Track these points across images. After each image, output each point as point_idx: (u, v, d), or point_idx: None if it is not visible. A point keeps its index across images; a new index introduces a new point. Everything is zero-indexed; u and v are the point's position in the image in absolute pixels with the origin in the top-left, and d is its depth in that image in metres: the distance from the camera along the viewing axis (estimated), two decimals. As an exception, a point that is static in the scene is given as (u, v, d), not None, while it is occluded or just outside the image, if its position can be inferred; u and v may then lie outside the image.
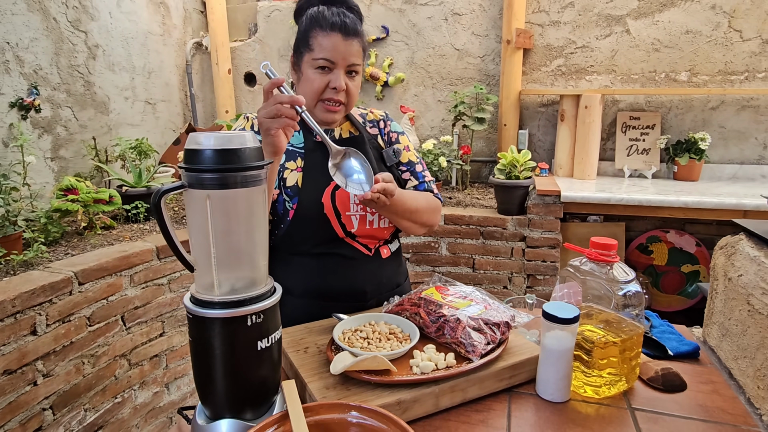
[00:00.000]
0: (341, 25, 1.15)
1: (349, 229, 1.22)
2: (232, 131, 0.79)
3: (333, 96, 1.18)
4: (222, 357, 0.81)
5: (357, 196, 1.10)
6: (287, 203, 1.20)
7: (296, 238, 1.21)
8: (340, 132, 1.29)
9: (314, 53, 1.16)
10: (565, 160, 2.83)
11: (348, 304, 1.25)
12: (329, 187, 1.21)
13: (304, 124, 1.25)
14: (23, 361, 1.58)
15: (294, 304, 1.25)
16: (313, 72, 1.17)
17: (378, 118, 1.37)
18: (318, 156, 1.23)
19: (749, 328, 1.02)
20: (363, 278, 1.26)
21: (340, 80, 1.16)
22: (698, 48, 2.72)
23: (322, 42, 1.15)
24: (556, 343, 0.95)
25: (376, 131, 1.36)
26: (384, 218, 1.26)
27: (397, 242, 1.38)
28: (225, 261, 0.82)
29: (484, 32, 3.03)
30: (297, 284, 1.25)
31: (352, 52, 1.17)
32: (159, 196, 0.77)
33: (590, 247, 1.03)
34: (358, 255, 1.25)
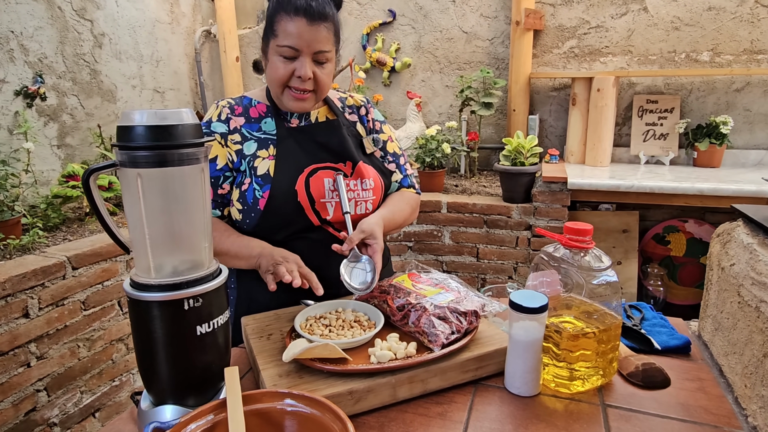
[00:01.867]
0: (306, 8, 1.07)
1: (324, 216, 1.18)
2: (169, 109, 0.76)
3: (299, 85, 1.12)
4: (161, 342, 0.79)
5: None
6: (257, 192, 1.16)
7: (268, 227, 1.17)
8: (316, 116, 1.25)
9: (278, 39, 1.09)
10: (577, 146, 2.71)
11: (330, 290, 1.18)
12: (303, 174, 1.16)
13: (276, 109, 1.22)
14: (15, 343, 1.61)
15: (265, 289, 1.18)
16: (278, 59, 1.11)
17: (359, 104, 1.33)
18: (291, 143, 1.19)
19: (739, 322, 0.94)
20: (336, 264, 1.22)
21: (305, 68, 1.09)
22: (722, 25, 2.56)
23: (286, 27, 1.08)
24: (523, 333, 0.90)
25: (355, 118, 1.31)
26: (360, 205, 1.21)
27: None
28: (162, 243, 0.79)
29: (493, 14, 2.93)
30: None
31: (318, 38, 1.09)
32: (88, 174, 0.74)
33: (564, 232, 0.97)
34: (332, 240, 1.20)
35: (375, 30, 3.17)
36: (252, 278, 1.23)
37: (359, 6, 3.18)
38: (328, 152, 1.21)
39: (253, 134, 1.20)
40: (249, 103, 1.22)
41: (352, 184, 1.20)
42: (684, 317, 1.30)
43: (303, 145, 1.19)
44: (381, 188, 1.25)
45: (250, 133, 1.20)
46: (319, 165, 1.19)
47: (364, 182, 1.21)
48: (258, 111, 1.22)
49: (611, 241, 2.55)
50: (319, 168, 1.18)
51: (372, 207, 1.23)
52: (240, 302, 1.26)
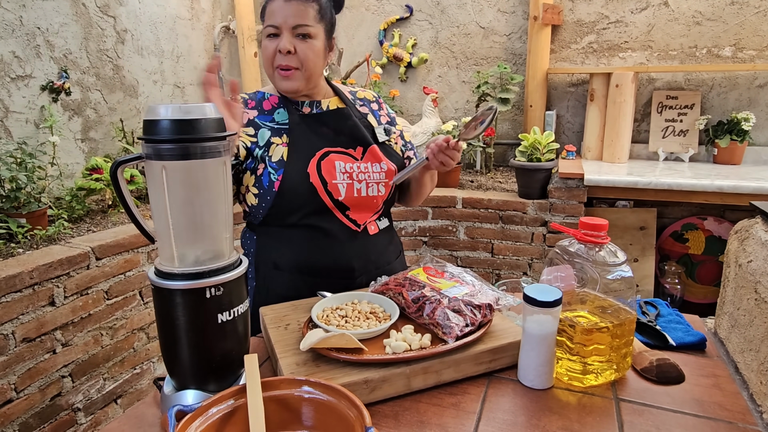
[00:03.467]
0: None
1: (336, 197, 1.20)
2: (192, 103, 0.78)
3: (282, 62, 1.16)
4: (183, 329, 0.82)
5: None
6: (272, 175, 1.20)
7: (284, 209, 1.21)
8: (328, 105, 1.29)
9: (265, 22, 1.17)
10: (594, 143, 2.69)
11: (336, 280, 1.23)
12: (314, 157, 1.21)
13: (287, 100, 1.26)
14: (41, 330, 1.66)
15: (283, 279, 1.26)
16: (266, 41, 1.17)
17: (371, 99, 1.38)
18: (303, 129, 1.24)
19: (756, 318, 0.94)
20: (350, 254, 1.25)
21: (284, 42, 1.14)
22: (744, 20, 2.51)
23: (269, 9, 1.16)
24: (537, 327, 0.91)
25: (366, 110, 1.35)
26: (371, 186, 1.24)
27: (387, 220, 1.36)
28: (185, 233, 0.82)
29: (511, 9, 2.91)
30: (285, 260, 1.25)
31: (295, 12, 1.13)
32: (116, 166, 0.77)
33: (579, 227, 0.97)
34: (346, 230, 1.24)
35: (392, 25, 3.18)
36: (270, 268, 1.27)
37: (376, 2, 3.19)
38: (339, 137, 1.25)
39: (267, 124, 1.24)
40: (262, 97, 1.28)
41: (363, 167, 1.23)
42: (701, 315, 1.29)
43: (315, 131, 1.24)
44: (394, 173, 1.28)
45: (263, 123, 1.24)
46: (331, 149, 1.23)
47: (375, 165, 1.25)
48: (271, 103, 1.27)
49: (628, 238, 2.53)
50: (331, 152, 1.23)
51: (385, 189, 1.26)
52: (258, 292, 1.30)
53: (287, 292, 1.21)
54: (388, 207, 1.35)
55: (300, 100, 1.27)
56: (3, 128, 2.15)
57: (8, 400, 1.58)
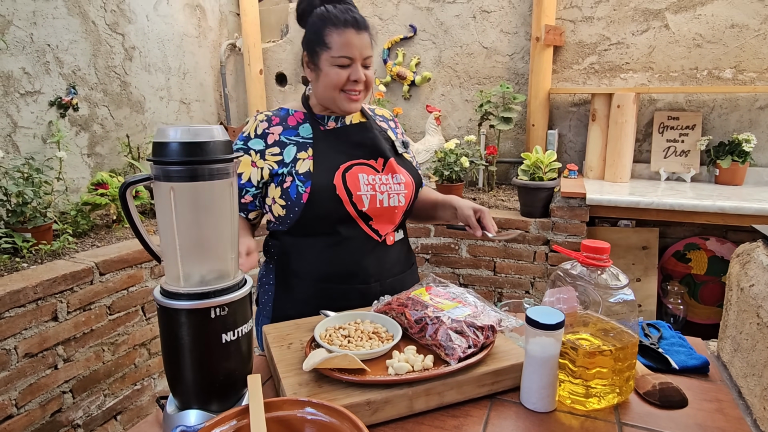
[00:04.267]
0: (353, 21, 1.21)
1: (360, 207, 1.25)
2: (201, 125, 0.80)
3: (353, 87, 1.25)
4: (187, 348, 0.82)
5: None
6: (300, 188, 1.25)
7: (310, 219, 1.26)
8: (350, 119, 1.36)
9: (332, 51, 1.22)
10: (596, 162, 2.71)
11: (352, 286, 1.29)
12: (339, 170, 1.26)
13: (312, 115, 1.32)
14: (44, 345, 1.66)
15: (303, 286, 1.31)
16: (332, 68, 1.23)
17: (388, 117, 1.47)
18: (327, 144, 1.29)
19: (758, 343, 0.94)
20: (368, 262, 1.30)
21: (360, 73, 1.23)
22: (744, 43, 2.54)
23: (338, 40, 1.21)
24: (539, 349, 0.91)
25: (385, 126, 1.43)
26: (392, 197, 1.29)
27: (402, 232, 1.41)
28: (191, 253, 0.83)
29: (513, 29, 2.95)
30: (307, 267, 1.31)
31: (365, 45, 1.24)
32: (125, 187, 0.79)
33: (581, 249, 0.98)
34: (367, 239, 1.29)
35: (396, 45, 3.22)
36: (291, 276, 1.33)
37: (381, 21, 3.24)
38: (361, 150, 1.31)
39: (292, 139, 1.30)
40: (286, 113, 1.33)
41: (384, 179, 1.29)
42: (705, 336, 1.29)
43: (338, 145, 1.30)
44: (412, 185, 1.34)
45: (288, 138, 1.30)
46: (354, 162, 1.28)
47: (395, 177, 1.31)
48: (296, 119, 1.33)
49: (630, 258, 2.53)
50: (354, 164, 1.28)
51: (404, 200, 1.31)
52: (278, 298, 1.36)
53: (306, 299, 1.29)
54: (405, 219, 1.40)
55: (326, 115, 1.33)
56: (11, 143, 2.18)
57: (8, 416, 1.58)
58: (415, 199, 1.38)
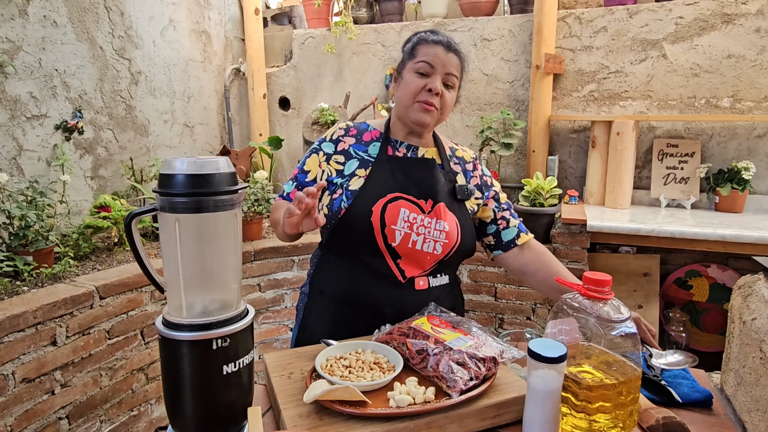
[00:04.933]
0: (444, 41, 1.25)
1: (390, 242, 1.22)
2: (207, 157, 0.81)
3: (428, 98, 1.23)
4: (188, 379, 0.82)
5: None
6: (343, 203, 1.25)
7: (342, 238, 1.26)
8: (423, 153, 1.34)
9: (416, 59, 1.24)
10: (597, 188, 2.72)
11: (364, 317, 1.26)
12: (383, 198, 1.24)
13: (386, 138, 1.32)
14: (42, 370, 1.65)
15: (324, 304, 1.32)
16: (412, 75, 1.24)
17: (468, 160, 1.41)
18: (385, 169, 1.28)
19: (761, 378, 0.94)
20: (386, 300, 1.26)
21: (437, 83, 1.22)
22: (742, 73, 2.58)
23: (425, 50, 1.24)
24: (542, 383, 0.90)
25: (459, 169, 1.37)
26: (428, 242, 1.24)
27: (445, 278, 1.32)
28: (195, 283, 0.83)
29: (514, 57, 3.01)
30: (330, 286, 1.31)
31: (451, 62, 1.24)
32: (130, 218, 0.79)
33: (583, 281, 0.98)
34: (389, 276, 1.25)
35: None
36: (317, 291, 1.35)
37: (383, 48, 3.30)
38: (414, 185, 1.27)
39: (359, 154, 1.31)
40: (366, 128, 1.36)
41: (426, 221, 1.25)
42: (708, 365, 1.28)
43: (395, 174, 1.28)
44: (457, 236, 1.27)
45: (356, 152, 1.32)
46: (402, 195, 1.26)
47: (439, 222, 1.25)
48: (371, 135, 1.34)
49: (632, 285, 2.53)
50: (401, 197, 1.25)
51: (441, 249, 1.25)
52: (307, 307, 1.37)
53: (324, 318, 1.31)
54: (450, 267, 1.33)
55: (401, 140, 1.33)
56: (16, 166, 2.20)
57: (3, 442, 1.56)
58: (458, 249, 1.28)
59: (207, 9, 3.34)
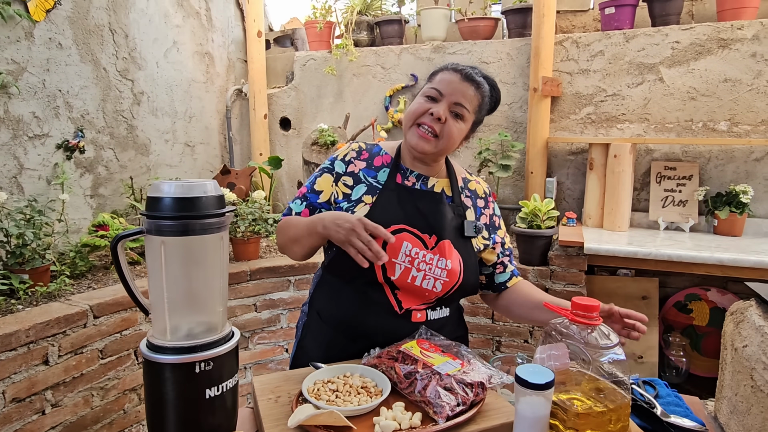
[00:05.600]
0: (463, 70, 1.20)
1: (390, 275, 1.18)
2: (195, 180, 0.82)
3: (427, 121, 1.18)
4: (171, 403, 0.81)
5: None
6: None
7: (341, 263, 1.21)
8: (433, 185, 1.29)
9: (429, 84, 1.22)
10: (595, 210, 2.72)
11: (356, 344, 1.23)
12: (388, 229, 1.18)
13: (396, 165, 1.28)
14: (32, 390, 1.64)
15: (320, 327, 1.31)
16: (420, 98, 1.22)
17: (480, 195, 1.36)
18: (392, 198, 1.24)
19: (753, 407, 0.92)
20: (379, 328, 1.22)
21: (440, 108, 1.17)
22: (738, 97, 2.60)
23: (441, 77, 1.21)
24: (529, 409, 0.89)
25: (470, 203, 1.32)
26: (428, 279, 1.20)
27: (445, 311, 1.29)
28: (180, 306, 0.83)
29: (512, 80, 3.04)
30: (327, 310, 1.30)
31: (463, 92, 1.18)
32: (116, 240, 0.80)
33: (571, 307, 0.97)
34: (386, 306, 1.21)
35: (397, 92, 3.31)
36: (315, 314, 1.33)
37: (383, 70, 3.34)
38: (420, 219, 1.23)
39: (368, 179, 1.28)
40: (378, 152, 1.31)
41: (428, 257, 1.20)
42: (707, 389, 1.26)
43: (401, 204, 1.24)
44: (459, 274, 1.23)
45: (365, 177, 1.28)
46: (406, 227, 1.21)
47: (441, 261, 1.21)
48: (382, 160, 1.30)
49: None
50: (405, 230, 1.21)
51: (441, 288, 1.21)
52: (306, 326, 1.35)
53: (318, 340, 1.29)
54: (451, 302, 1.30)
55: (413, 170, 1.28)
56: (16, 184, 2.22)
57: (-10, 463, 1.54)
58: (460, 288, 1.24)
59: (211, 31, 3.41)
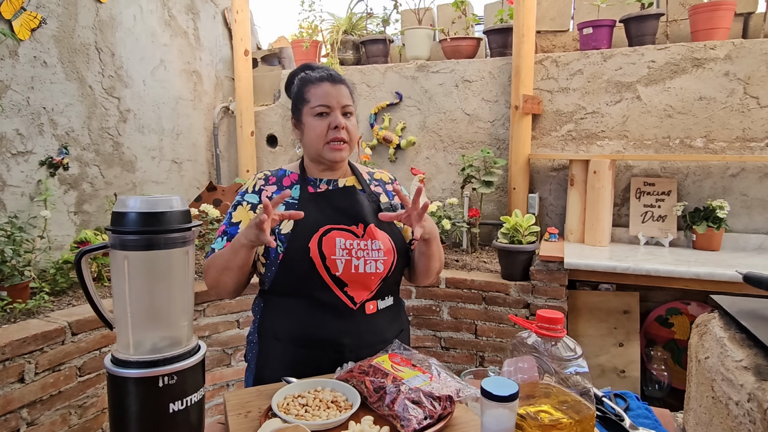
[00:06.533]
0: (327, 76, 1.33)
1: (334, 272, 1.25)
2: (161, 195, 0.83)
3: (336, 135, 1.30)
4: (134, 418, 0.82)
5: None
6: (279, 248, 1.28)
7: (286, 280, 1.28)
8: (344, 183, 1.40)
9: (311, 103, 1.31)
10: (576, 226, 2.76)
11: (326, 354, 1.26)
12: (317, 233, 1.27)
13: (304, 178, 1.37)
14: (7, 408, 1.62)
15: (280, 349, 1.31)
16: (314, 119, 1.31)
17: (387, 181, 1.49)
18: (311, 206, 1.31)
19: (714, 418, 0.94)
20: (342, 331, 1.27)
21: (339, 119, 1.30)
22: (713, 114, 2.66)
23: (315, 92, 1.31)
24: (494, 422, 0.90)
25: (380, 190, 1.45)
26: (369, 263, 1.28)
27: (390, 299, 1.38)
28: (143, 320, 0.84)
29: (494, 98, 3.09)
30: (284, 330, 1.30)
31: (342, 94, 1.32)
32: (80, 255, 0.81)
33: (536, 319, 0.99)
34: (341, 306, 1.28)
35: (382, 110, 3.36)
36: (270, 337, 1.33)
37: (369, 88, 3.39)
38: (343, 215, 1.32)
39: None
40: (283, 174, 1.39)
41: (362, 245, 1.29)
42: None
43: (321, 208, 1.32)
44: (393, 252, 1.32)
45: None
46: (334, 226, 1.30)
47: (374, 243, 1.30)
48: (290, 180, 1.38)
49: (612, 322, 2.52)
50: (333, 228, 1.29)
51: (383, 267, 1.30)
52: (260, 357, 1.35)
53: (284, 362, 1.28)
54: (392, 286, 1.39)
55: (318, 178, 1.38)
56: (-2, 201, 2.22)
57: (-38, 484, 1.52)
58: (397, 264, 1.34)
59: (198, 50, 3.45)
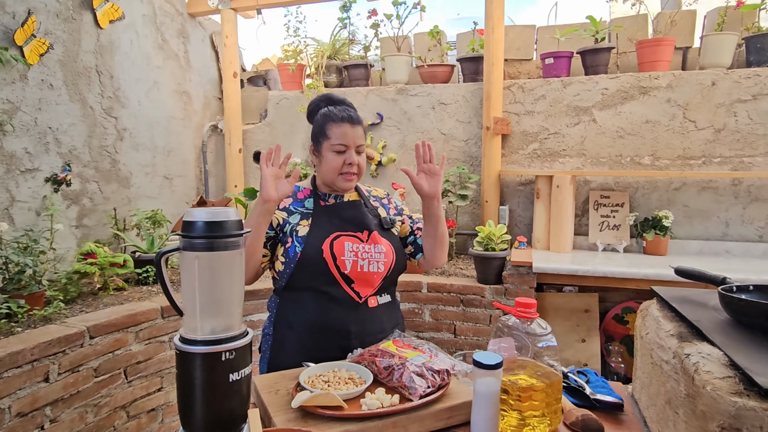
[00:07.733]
0: (348, 118, 1.56)
1: (343, 270, 1.51)
2: (220, 208, 1.04)
3: (349, 169, 1.55)
4: (200, 387, 1.01)
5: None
6: (297, 248, 1.53)
7: (302, 276, 1.53)
8: (349, 197, 1.66)
9: (331, 141, 1.55)
10: (542, 234, 3.05)
11: (335, 340, 1.51)
12: (328, 238, 1.54)
13: (315, 193, 1.62)
14: (35, 405, 1.76)
15: (295, 336, 1.54)
16: (332, 155, 1.55)
17: (382, 196, 1.76)
18: (323, 216, 1.58)
19: (653, 379, 1.20)
20: (350, 320, 1.53)
21: (354, 158, 1.55)
22: (658, 135, 3.03)
23: (336, 131, 1.54)
24: (484, 387, 1.13)
25: (377, 204, 1.71)
26: (372, 264, 1.54)
27: (388, 296, 1.63)
28: (207, 308, 1.04)
29: (467, 119, 3.39)
30: (298, 319, 1.54)
31: (358, 135, 1.57)
32: (160, 255, 1.01)
33: (515, 305, 1.24)
34: (348, 299, 1.53)
35: (366, 129, 3.61)
36: (285, 327, 1.56)
37: (351, 109, 3.64)
38: (350, 223, 1.58)
39: (299, 209, 1.61)
40: (298, 189, 1.66)
41: (367, 248, 1.55)
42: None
43: (332, 218, 1.59)
44: (392, 254, 1.58)
45: (296, 208, 1.61)
46: (342, 233, 1.56)
47: (377, 247, 1.56)
48: (304, 194, 1.65)
49: (575, 320, 2.81)
50: (342, 235, 1.55)
51: (384, 268, 1.55)
52: (274, 347, 1.58)
53: (298, 348, 1.52)
54: (390, 284, 1.64)
55: (327, 193, 1.63)
56: (7, 215, 2.34)
57: (-7, 475, 1.64)
58: (396, 266, 1.60)
59: (189, 72, 3.63)
